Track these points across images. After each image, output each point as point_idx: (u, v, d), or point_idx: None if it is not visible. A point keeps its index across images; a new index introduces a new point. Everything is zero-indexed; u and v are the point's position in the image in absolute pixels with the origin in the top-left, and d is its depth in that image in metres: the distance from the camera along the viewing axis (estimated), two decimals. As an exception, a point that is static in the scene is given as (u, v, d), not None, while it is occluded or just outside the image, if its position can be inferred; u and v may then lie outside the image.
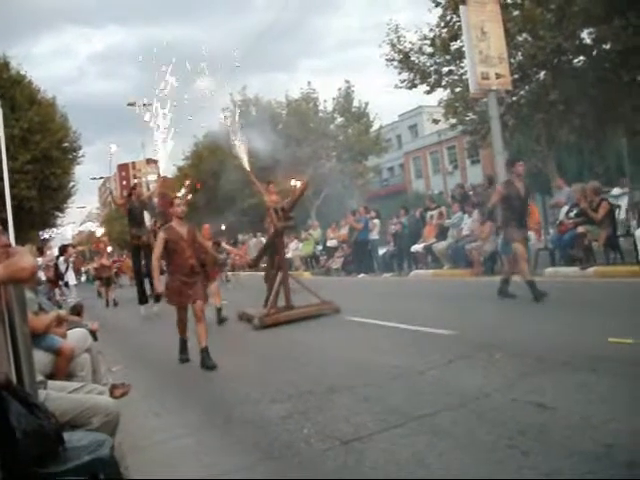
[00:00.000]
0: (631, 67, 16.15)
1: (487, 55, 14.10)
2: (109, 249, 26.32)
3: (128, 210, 13.96)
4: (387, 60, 21.57)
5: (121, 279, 28.99)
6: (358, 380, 5.26)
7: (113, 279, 21.60)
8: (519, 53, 18.18)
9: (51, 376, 4.12)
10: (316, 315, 9.47)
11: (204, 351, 6.86)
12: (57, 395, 3.07)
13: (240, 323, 10.18)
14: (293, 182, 10.42)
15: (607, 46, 17.40)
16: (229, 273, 20.66)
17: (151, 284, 13.85)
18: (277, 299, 9.72)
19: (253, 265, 13.07)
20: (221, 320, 10.50)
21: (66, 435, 2.42)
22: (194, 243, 7.33)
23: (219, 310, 10.58)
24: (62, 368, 4.44)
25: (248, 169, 11.32)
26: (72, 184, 29.94)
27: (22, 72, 26.43)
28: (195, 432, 4.53)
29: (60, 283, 15.54)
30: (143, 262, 13.73)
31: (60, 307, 8.99)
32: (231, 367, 6.68)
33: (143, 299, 13.78)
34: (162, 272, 7.80)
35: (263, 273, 11.93)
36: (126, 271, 28.45)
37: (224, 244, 13.37)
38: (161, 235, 7.25)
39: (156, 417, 5.10)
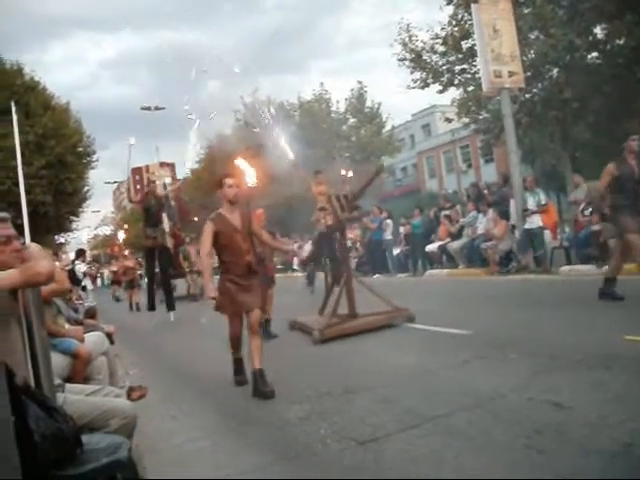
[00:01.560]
0: (646, 63, 16.07)
1: (499, 53, 14.05)
2: (126, 252, 26.18)
3: (144, 209, 13.22)
4: (399, 60, 21.59)
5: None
6: (374, 381, 5.26)
7: (137, 281, 20.84)
8: (531, 51, 18.14)
9: (68, 379, 4.16)
10: (385, 325, 7.99)
11: (258, 374, 5.45)
12: (75, 398, 3.10)
13: (292, 334, 8.74)
14: (343, 171, 9.64)
15: (620, 41, 17.32)
16: None
17: (166, 289, 13.73)
18: (338, 306, 8.18)
19: (305, 263, 12.23)
20: (270, 336, 8.36)
21: (84, 438, 2.44)
22: (250, 234, 5.90)
23: (267, 322, 8.48)
24: (79, 371, 4.48)
25: (292, 157, 10.54)
26: (87, 188, 30.16)
27: (36, 78, 26.67)
28: (212, 434, 4.54)
29: (76, 287, 15.62)
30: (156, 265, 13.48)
31: (77, 311, 9.06)
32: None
33: (153, 306, 13.22)
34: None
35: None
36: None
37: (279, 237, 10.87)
38: (208, 226, 5.71)
39: (173, 419, 5.11)
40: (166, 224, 14.38)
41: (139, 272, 22.04)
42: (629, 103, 17.66)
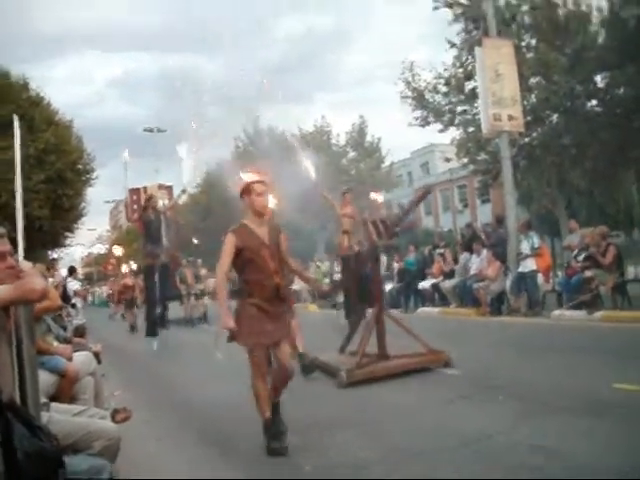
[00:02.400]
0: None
1: (500, 97, 14.21)
2: (124, 269, 25.59)
3: (144, 224, 12.45)
4: (402, 97, 21.84)
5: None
6: (359, 417, 5.24)
7: (136, 301, 20.04)
8: (532, 96, 18.37)
9: (54, 398, 4.12)
10: (419, 369, 7.15)
11: (275, 408, 4.74)
12: (60, 418, 3.07)
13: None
14: (373, 196, 9.22)
15: (620, 91, 17.57)
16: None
17: (161, 309, 13.33)
18: (367, 344, 7.22)
19: (328, 294, 11.43)
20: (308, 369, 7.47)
21: (66, 459, 2.42)
22: (279, 252, 4.83)
23: (302, 356, 7.45)
24: (66, 390, 4.45)
25: (314, 177, 9.48)
26: (83, 205, 30.12)
27: (41, 94, 26.80)
28: (196, 459, 4.51)
29: (66, 304, 15.49)
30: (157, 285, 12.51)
31: (65, 328, 9.00)
32: (236, 397, 6.07)
33: (152, 330, 12.13)
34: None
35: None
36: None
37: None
38: (229, 240, 4.65)
39: (157, 442, 5.08)
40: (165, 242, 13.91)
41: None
42: (626, 152, 17.85)
